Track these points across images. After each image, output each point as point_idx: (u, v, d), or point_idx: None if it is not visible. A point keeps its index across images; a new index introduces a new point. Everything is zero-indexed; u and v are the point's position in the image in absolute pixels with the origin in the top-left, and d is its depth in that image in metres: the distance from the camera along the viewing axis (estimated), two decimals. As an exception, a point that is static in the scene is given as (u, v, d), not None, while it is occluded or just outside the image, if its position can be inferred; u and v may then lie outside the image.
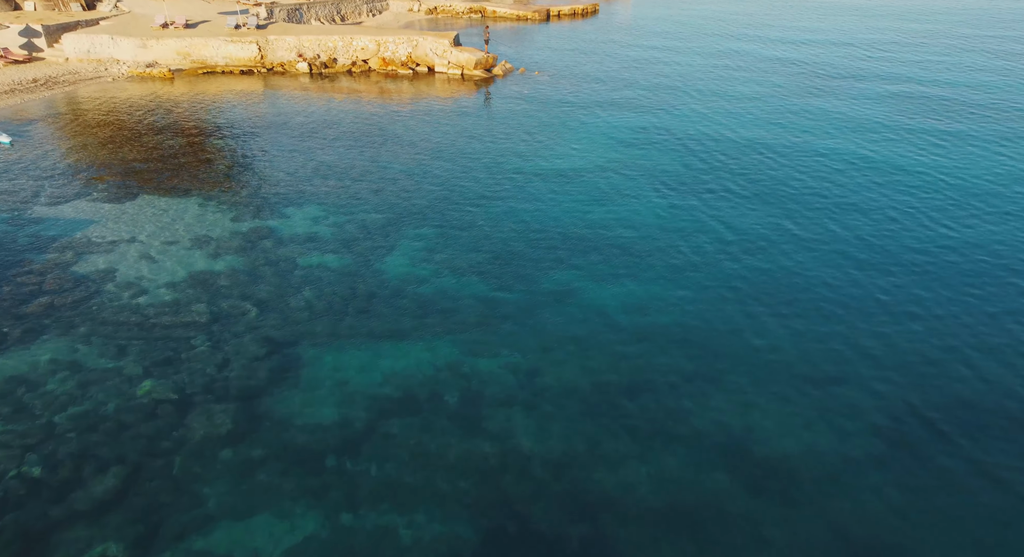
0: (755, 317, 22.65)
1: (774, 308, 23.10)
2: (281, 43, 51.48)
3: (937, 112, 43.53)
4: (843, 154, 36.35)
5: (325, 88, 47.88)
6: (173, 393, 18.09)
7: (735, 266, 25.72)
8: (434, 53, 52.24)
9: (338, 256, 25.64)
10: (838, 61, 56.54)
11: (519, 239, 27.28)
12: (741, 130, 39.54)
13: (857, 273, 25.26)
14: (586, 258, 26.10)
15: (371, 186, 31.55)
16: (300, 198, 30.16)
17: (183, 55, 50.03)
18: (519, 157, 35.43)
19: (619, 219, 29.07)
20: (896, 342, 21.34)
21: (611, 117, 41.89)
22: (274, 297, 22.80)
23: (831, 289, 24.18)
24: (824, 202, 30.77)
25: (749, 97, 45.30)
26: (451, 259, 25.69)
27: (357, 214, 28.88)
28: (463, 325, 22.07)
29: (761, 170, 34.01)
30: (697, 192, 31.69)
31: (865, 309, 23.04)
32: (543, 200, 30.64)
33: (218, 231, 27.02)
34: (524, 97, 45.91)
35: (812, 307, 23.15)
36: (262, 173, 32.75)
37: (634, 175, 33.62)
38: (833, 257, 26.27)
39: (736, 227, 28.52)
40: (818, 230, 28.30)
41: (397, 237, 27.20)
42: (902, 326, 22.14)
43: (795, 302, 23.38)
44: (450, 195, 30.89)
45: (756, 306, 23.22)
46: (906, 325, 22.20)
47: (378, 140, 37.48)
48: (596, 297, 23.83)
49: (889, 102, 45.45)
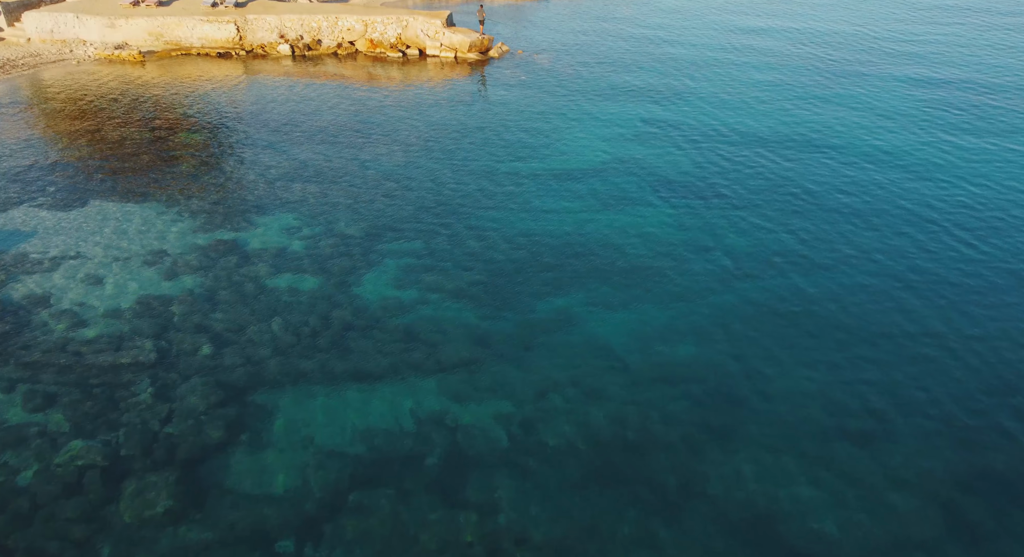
0: (777, 354, 20.22)
1: (799, 342, 20.65)
2: (261, 23, 48.38)
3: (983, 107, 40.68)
4: (879, 151, 33.54)
5: (308, 73, 44.95)
6: (104, 458, 15.67)
7: (753, 288, 23.25)
8: (425, 34, 49.18)
9: (310, 276, 23.11)
10: (869, 38, 53.43)
11: (513, 255, 24.75)
12: (757, 121, 36.75)
13: (902, 297, 22.72)
14: (587, 279, 23.61)
15: (352, 190, 28.90)
16: (272, 204, 27.53)
17: (155, 36, 46.98)
18: (514, 155, 32.75)
19: (622, 231, 26.52)
20: (943, 392, 18.93)
21: (614, 107, 39.10)
22: (233, 329, 20.31)
23: (866, 319, 21.69)
24: (859, 210, 28.04)
25: (765, 82, 42.37)
26: (437, 280, 23.18)
27: (335, 224, 26.28)
28: (449, 363, 19.65)
29: (781, 170, 31.28)
30: (709, 197, 29.08)
31: (911, 348, 20.56)
32: (540, 208, 28.05)
33: (177, 245, 24.42)
34: (521, 83, 43.05)
35: (844, 341, 20.70)
36: (232, 174, 30.05)
37: (639, 176, 30.99)
38: (871, 279, 23.72)
39: (754, 239, 25.97)
40: (851, 245, 25.68)
41: (378, 253, 24.65)
42: (958, 368, 19.71)
43: (824, 334, 20.93)
44: (438, 201, 28.28)
45: (778, 340, 20.76)
46: (962, 364, 19.78)
47: (362, 135, 34.74)
48: (598, 327, 21.40)
49: (926, 89, 42.55)
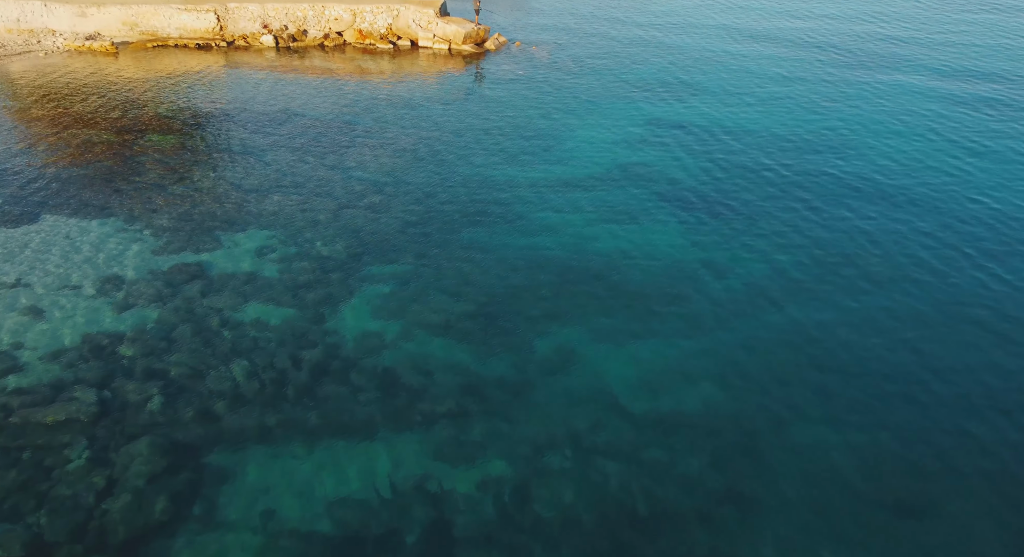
0: (801, 401, 18.06)
1: (827, 385, 18.49)
2: (243, 12, 45.77)
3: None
4: (911, 155, 31.19)
5: (292, 66, 42.42)
6: (22, 548, 13.48)
7: (772, 320, 21.06)
8: (417, 25, 46.62)
9: (282, 307, 20.87)
10: (885, 25, 50.92)
11: (508, 280, 22.52)
12: (771, 120, 34.39)
13: (951, 334, 20.49)
14: (589, 308, 21.42)
15: (332, 203, 26.57)
16: (244, 220, 25.20)
17: (130, 25, 44.36)
18: (511, 160, 30.41)
19: (628, 251, 24.26)
20: (995, 458, 16.79)
21: (618, 105, 36.71)
22: (190, 374, 18.07)
23: (904, 359, 19.49)
24: (891, 225, 25.74)
25: (779, 76, 39.97)
26: (423, 312, 20.95)
27: (312, 243, 24.00)
28: (433, 414, 17.49)
29: (800, 177, 28.95)
30: (722, 208, 26.79)
31: (955, 396, 18.39)
32: (538, 223, 25.78)
33: (134, 270, 22.11)
34: (519, 79, 40.59)
35: (878, 386, 18.54)
36: (202, 183, 27.66)
37: (645, 184, 28.69)
38: (908, 309, 21.49)
39: (773, 261, 23.74)
40: (885, 265, 23.42)
41: (359, 278, 22.40)
42: (1011, 428, 17.59)
43: (855, 377, 18.75)
44: (427, 215, 25.98)
45: (802, 384, 18.60)
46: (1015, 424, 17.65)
47: (347, 136, 32.34)
48: (600, 368, 19.25)
49: (957, 80, 40.15)
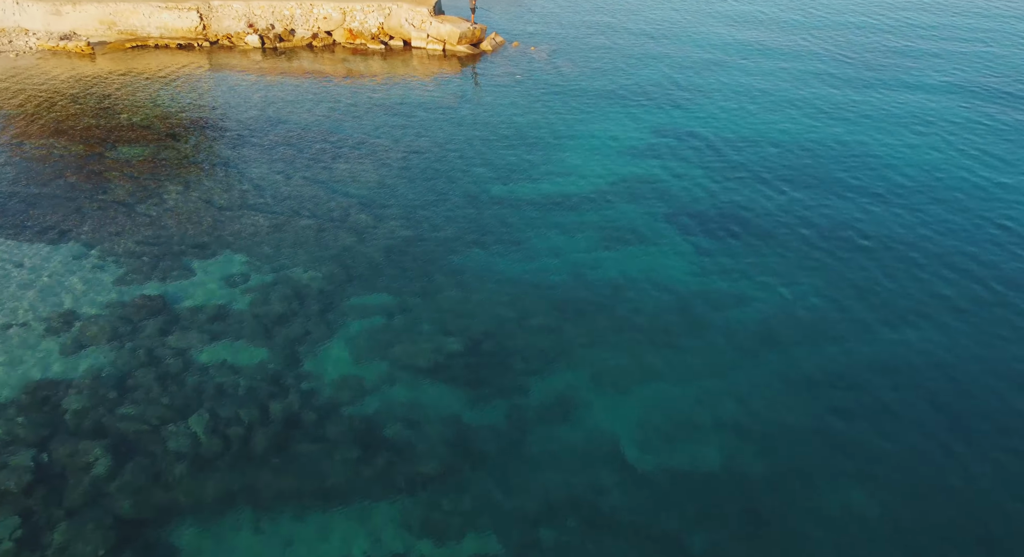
0: (826, 461, 16.14)
1: (854, 441, 16.57)
2: (228, 11, 43.69)
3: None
4: (926, 171, 29.15)
5: (278, 68, 40.37)
6: None
7: (794, 358, 19.12)
8: (410, 24, 44.55)
9: (253, 347, 18.91)
10: (902, 26, 48.79)
11: (503, 313, 20.57)
12: (780, 132, 32.35)
13: (995, 380, 18.56)
14: (590, 346, 19.51)
15: (314, 223, 24.57)
16: (216, 243, 23.21)
17: (107, 24, 42.27)
18: (507, 174, 28.43)
19: (632, 278, 22.31)
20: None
21: (620, 112, 34.70)
22: (144, 430, 16.13)
23: (943, 408, 17.55)
24: (921, 244, 23.70)
25: (788, 83, 37.90)
26: (409, 351, 19.00)
27: (290, 270, 22.02)
28: (418, 477, 15.59)
29: (812, 193, 26.92)
30: (733, 228, 24.83)
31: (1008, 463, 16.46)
32: (535, 247, 23.82)
33: (90, 303, 20.13)
34: (516, 82, 38.55)
35: (913, 439, 16.62)
36: (173, 201, 25.63)
37: (650, 202, 26.70)
38: (932, 349, 19.55)
39: (792, 289, 21.78)
40: (921, 290, 21.42)
41: (340, 311, 20.44)
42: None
43: (887, 434, 16.82)
44: (416, 237, 24.01)
45: (827, 441, 16.67)
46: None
47: (333, 147, 30.32)
48: (603, 417, 17.36)
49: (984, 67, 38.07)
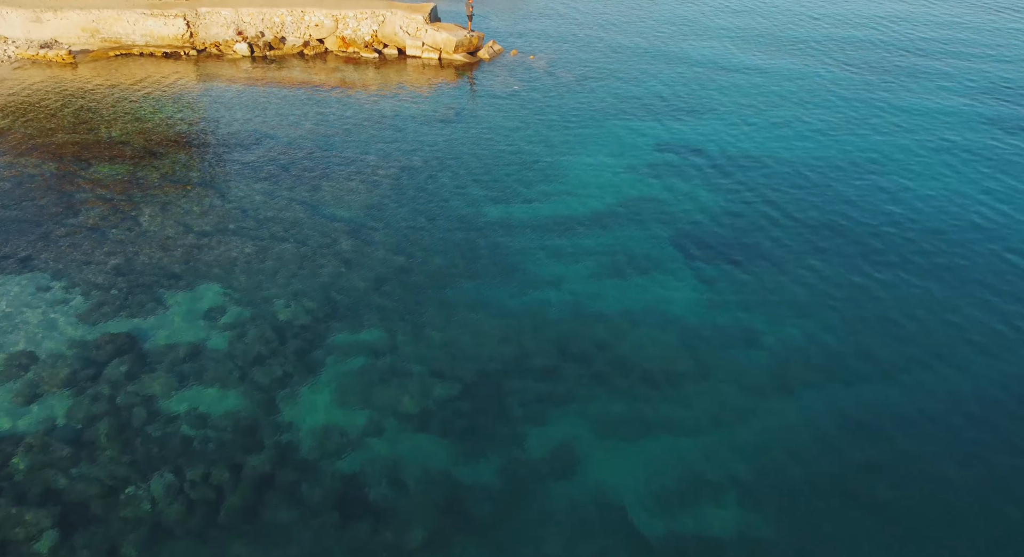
0: (854, 529, 14.84)
1: (884, 504, 15.27)
2: (215, 18, 42.33)
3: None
4: (949, 191, 27.83)
5: (268, 78, 39.02)
6: None
7: (814, 404, 17.85)
8: (405, 31, 43.21)
9: (227, 393, 17.58)
10: (922, 29, 47.46)
11: (498, 352, 19.28)
12: (792, 148, 31.04)
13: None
14: (592, 390, 18.25)
15: (299, 249, 23.24)
16: (191, 273, 21.86)
17: (90, 32, 40.90)
18: (504, 194, 27.11)
19: (637, 313, 21.01)
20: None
21: (621, 126, 33.40)
22: (99, 495, 14.83)
23: (971, 458, 16.25)
24: (949, 270, 22.37)
25: (798, 95, 36.60)
26: (397, 397, 17.69)
27: (270, 304, 20.69)
28: (404, 551, 14.22)
29: (828, 216, 25.58)
30: (742, 256, 23.52)
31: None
32: (533, 277, 22.50)
33: (50, 343, 18.79)
34: (514, 94, 37.24)
35: (949, 501, 15.32)
36: (148, 226, 24.27)
37: (656, 225, 25.39)
38: (961, 393, 18.26)
39: (806, 324, 20.50)
40: (923, 338, 20.14)
41: (323, 349, 19.12)
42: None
43: (920, 487, 15.52)
44: (407, 265, 22.69)
45: (852, 504, 15.38)
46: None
47: (321, 164, 28.97)
48: (607, 473, 16.11)
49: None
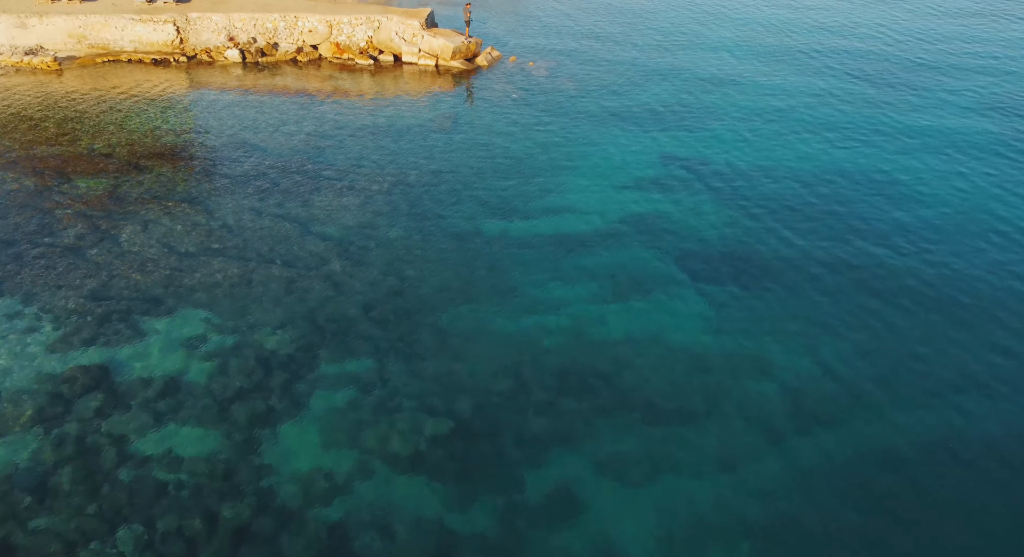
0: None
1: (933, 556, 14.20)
2: (206, 23, 41.24)
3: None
4: (972, 209, 26.70)
5: (260, 85, 37.97)
6: None
7: (831, 444, 16.78)
8: (401, 38, 42.16)
9: (205, 432, 16.47)
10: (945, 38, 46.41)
11: (495, 385, 18.19)
12: (802, 161, 29.98)
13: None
14: (594, 426, 17.15)
15: (286, 271, 22.14)
16: (173, 297, 20.75)
17: (77, 38, 39.81)
18: (501, 208, 26.04)
19: (641, 340, 19.91)
20: None
21: (625, 136, 32.35)
22: (58, 552, 13.62)
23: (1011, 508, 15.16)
24: (974, 293, 21.24)
25: (809, 105, 35.56)
26: (388, 435, 16.60)
27: (255, 331, 19.59)
28: (392, 608, 13.15)
29: (851, 235, 24.46)
30: (752, 278, 22.44)
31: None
32: (532, 300, 21.41)
33: (16, 377, 17.66)
34: (513, 103, 36.18)
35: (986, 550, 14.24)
36: (128, 245, 23.15)
37: (660, 245, 24.31)
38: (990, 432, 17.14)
39: (821, 354, 19.42)
40: (949, 371, 19.02)
41: (309, 382, 18.01)
42: None
43: (955, 537, 14.43)
44: (400, 289, 21.60)
45: (894, 551, 14.28)
46: None
47: (312, 177, 27.90)
48: (610, 521, 15.02)
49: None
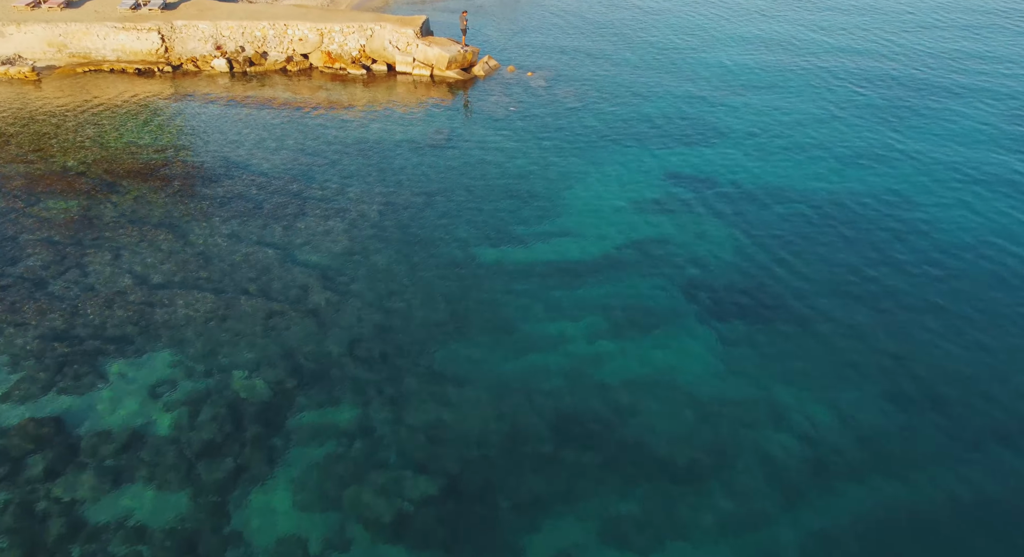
0: None
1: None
2: (192, 31, 39.83)
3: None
4: (998, 231, 25.28)
5: (247, 96, 36.57)
6: None
7: (864, 500, 15.38)
8: (395, 46, 40.76)
9: (168, 496, 15.07)
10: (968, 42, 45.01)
11: (487, 436, 16.82)
12: (817, 179, 28.56)
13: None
14: (599, 483, 15.82)
15: (265, 305, 20.72)
16: (142, 336, 19.35)
17: (57, 47, 38.41)
18: (496, 236, 24.66)
19: (645, 384, 18.55)
20: None
21: (627, 154, 30.96)
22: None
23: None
24: (1007, 333, 19.82)
25: (823, 113, 34.16)
26: (370, 497, 15.24)
27: (228, 374, 18.18)
28: None
29: (870, 264, 23.06)
30: (765, 311, 21.06)
31: None
32: (529, 337, 20.02)
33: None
34: (510, 116, 34.78)
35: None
36: (95, 278, 21.72)
37: (665, 274, 22.95)
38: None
39: (841, 399, 18.01)
40: (981, 417, 17.60)
41: (285, 434, 16.61)
42: None
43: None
44: (387, 325, 20.20)
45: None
46: None
47: (297, 199, 26.50)
48: (620, 600, 13.54)
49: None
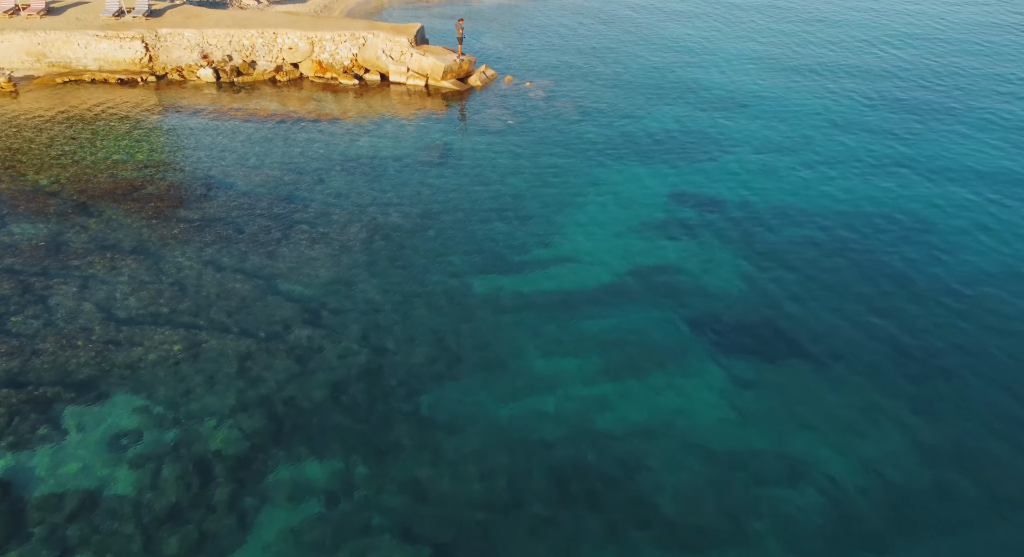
0: None
1: None
2: (177, 40, 38.44)
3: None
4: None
5: (233, 108, 35.20)
6: None
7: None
8: (388, 55, 39.40)
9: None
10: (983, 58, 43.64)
11: (482, 496, 15.45)
12: (829, 199, 27.22)
13: None
14: (602, 552, 14.30)
15: (242, 344, 19.31)
16: (104, 380, 17.94)
17: (36, 56, 37.01)
18: (491, 262, 23.29)
19: (653, 433, 17.20)
20: None
21: (629, 171, 29.63)
22: None
23: None
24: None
25: (834, 128, 32.77)
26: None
27: (200, 423, 16.76)
28: None
29: (890, 295, 21.69)
30: (779, 346, 19.72)
31: None
32: (526, 379, 18.65)
33: (-88, 493, 14.91)
34: (507, 129, 33.43)
35: None
36: (58, 313, 20.28)
37: (670, 303, 21.61)
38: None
39: (871, 445, 16.66)
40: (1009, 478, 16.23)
41: (259, 495, 15.21)
42: None
43: None
44: (373, 366, 18.82)
45: None
46: None
47: (282, 224, 25.12)
48: None
49: None
